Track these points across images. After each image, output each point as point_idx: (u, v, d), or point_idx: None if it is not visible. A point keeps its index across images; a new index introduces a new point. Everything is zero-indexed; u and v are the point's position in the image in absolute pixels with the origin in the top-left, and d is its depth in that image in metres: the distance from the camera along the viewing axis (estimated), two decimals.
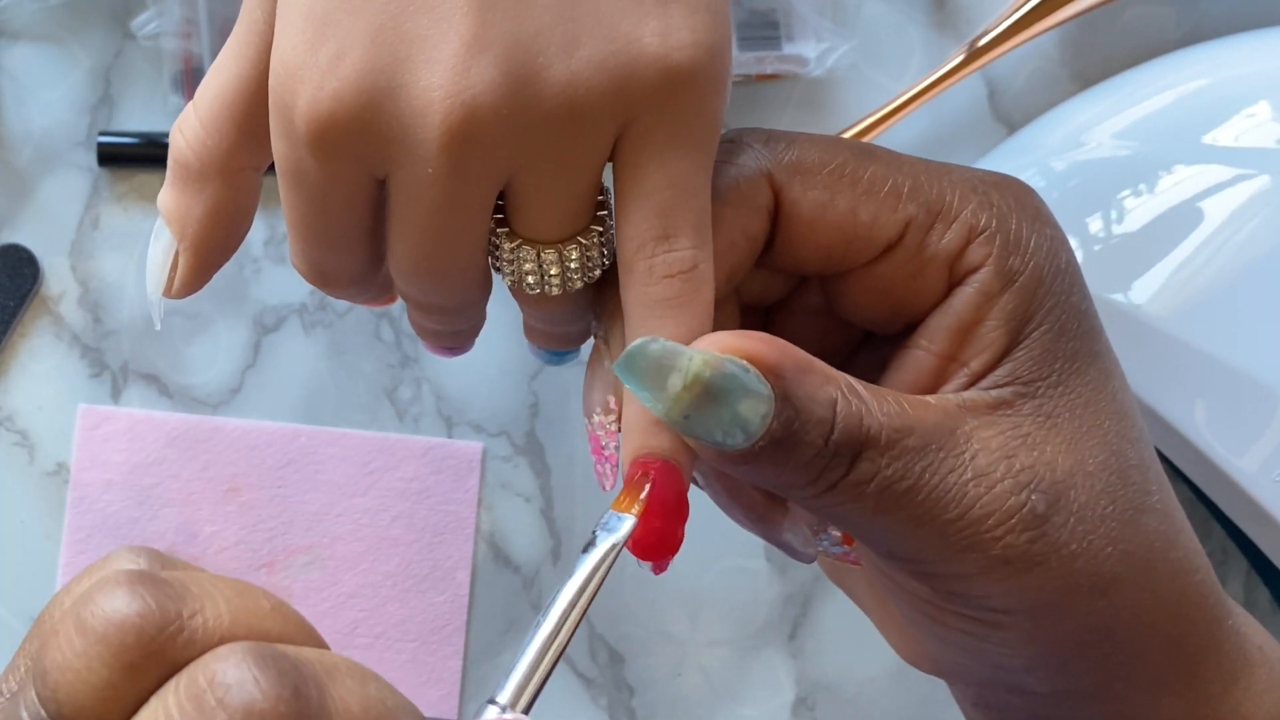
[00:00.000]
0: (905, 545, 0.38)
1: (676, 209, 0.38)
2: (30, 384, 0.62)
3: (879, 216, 0.39)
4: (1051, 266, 0.39)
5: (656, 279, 0.38)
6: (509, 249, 0.40)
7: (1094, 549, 0.38)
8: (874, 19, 0.63)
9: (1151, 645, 0.39)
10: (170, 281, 0.43)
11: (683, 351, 0.37)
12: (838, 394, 0.38)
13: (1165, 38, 0.63)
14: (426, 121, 0.37)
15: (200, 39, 0.60)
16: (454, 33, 0.37)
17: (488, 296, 0.43)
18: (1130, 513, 0.39)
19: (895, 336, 0.41)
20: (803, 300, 0.43)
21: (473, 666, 0.62)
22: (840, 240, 0.40)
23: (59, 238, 0.62)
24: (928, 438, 0.38)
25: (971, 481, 0.38)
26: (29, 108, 0.62)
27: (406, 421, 0.62)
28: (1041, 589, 0.38)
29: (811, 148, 0.40)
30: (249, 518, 0.61)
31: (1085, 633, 0.39)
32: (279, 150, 0.39)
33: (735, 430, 0.37)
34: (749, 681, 0.62)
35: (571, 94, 0.37)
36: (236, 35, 0.41)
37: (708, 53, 0.38)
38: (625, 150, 0.38)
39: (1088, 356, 0.39)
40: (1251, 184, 0.56)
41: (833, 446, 0.37)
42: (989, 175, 0.41)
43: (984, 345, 0.39)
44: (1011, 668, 0.40)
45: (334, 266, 0.42)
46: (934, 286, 0.40)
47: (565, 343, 0.45)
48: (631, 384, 0.37)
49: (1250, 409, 0.55)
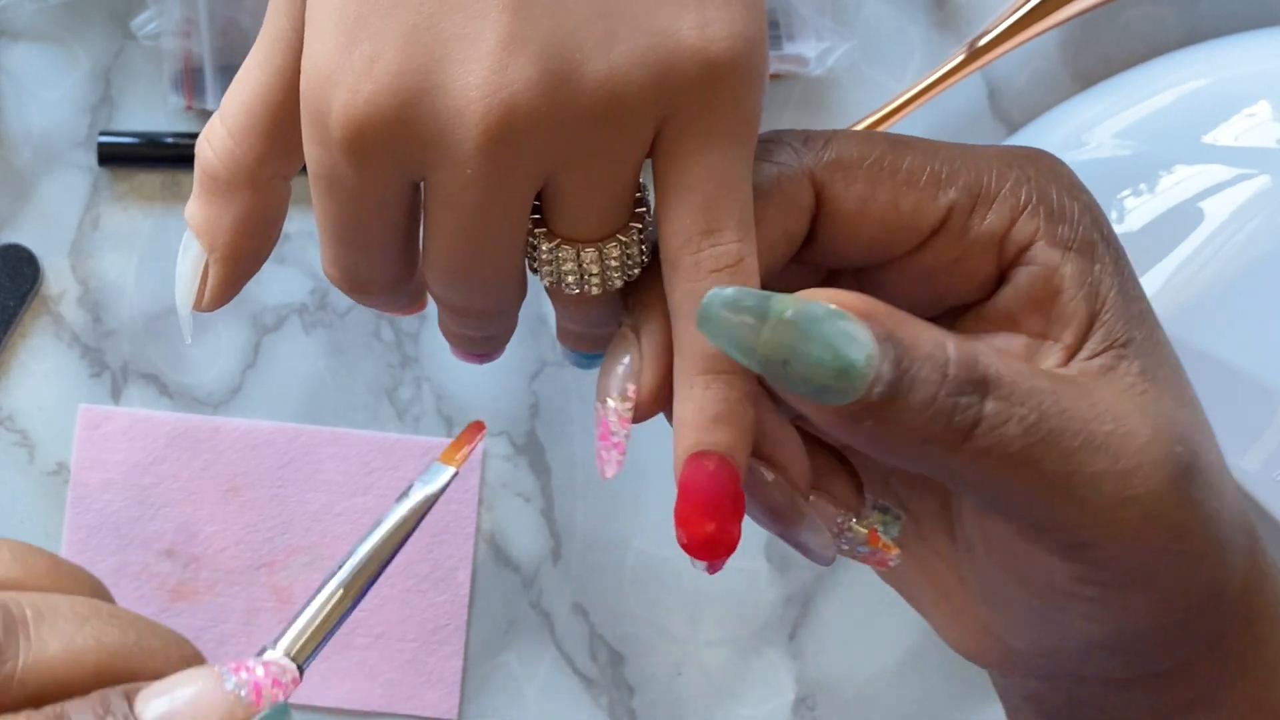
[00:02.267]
0: (1056, 510, 0.37)
1: (720, 202, 0.38)
2: (30, 384, 0.62)
3: (921, 205, 0.39)
4: (1097, 232, 0.39)
5: (704, 274, 0.38)
6: (547, 249, 0.39)
7: (1219, 508, 0.37)
8: (874, 19, 0.63)
9: (1236, 620, 0.39)
10: (201, 294, 0.43)
11: (762, 294, 0.36)
12: (944, 337, 0.36)
13: (1165, 38, 0.63)
14: (464, 121, 0.36)
15: (200, 39, 0.60)
16: (490, 31, 0.36)
17: (523, 299, 0.42)
18: (1224, 471, 0.38)
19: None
20: None
21: (473, 666, 0.62)
22: (884, 232, 0.40)
23: (59, 238, 0.62)
24: (1058, 391, 0.36)
25: (1116, 432, 0.36)
26: (29, 108, 0.62)
27: (406, 421, 0.62)
28: (1186, 550, 0.37)
29: (848, 143, 0.40)
30: (249, 518, 0.61)
31: (1201, 598, 0.38)
32: (313, 156, 0.39)
33: (842, 375, 0.35)
34: (749, 681, 0.62)
35: (610, 90, 0.37)
36: (261, 44, 0.40)
37: (746, 44, 0.38)
38: (665, 145, 0.38)
39: (1150, 314, 0.39)
40: (1251, 184, 0.56)
41: (954, 381, 0.36)
42: (1019, 150, 0.40)
43: (1068, 317, 0.39)
44: (1099, 644, 0.39)
45: (368, 273, 0.41)
46: (981, 268, 0.40)
47: (600, 345, 0.44)
48: (716, 337, 0.36)
49: (1250, 409, 0.55)
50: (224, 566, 0.61)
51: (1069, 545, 0.37)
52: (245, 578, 0.61)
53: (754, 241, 0.38)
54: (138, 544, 0.61)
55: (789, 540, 0.42)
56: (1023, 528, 0.38)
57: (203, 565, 0.61)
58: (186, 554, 0.61)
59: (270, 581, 0.61)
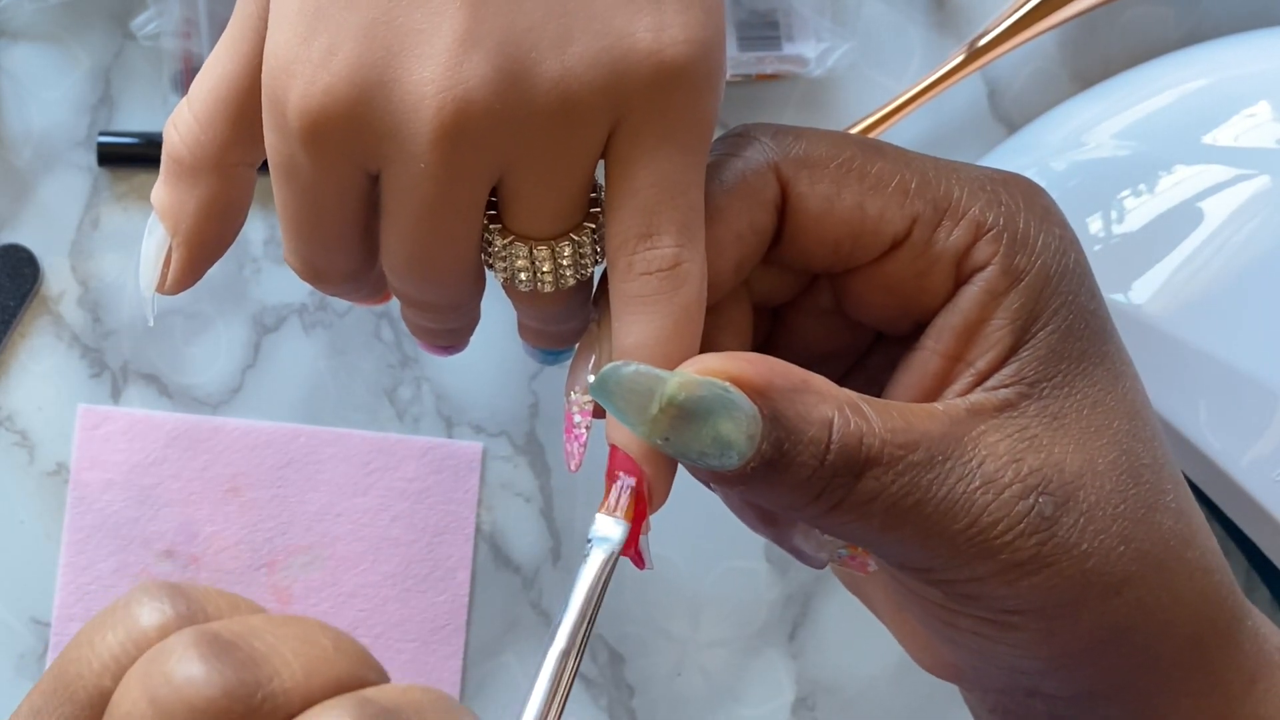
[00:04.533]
0: (915, 557, 0.38)
1: (662, 207, 0.38)
2: (30, 384, 0.62)
3: (886, 212, 0.39)
4: (1059, 266, 0.39)
5: (635, 275, 0.38)
6: (501, 245, 0.40)
7: (1106, 548, 0.38)
8: (874, 19, 0.63)
9: (1170, 645, 0.39)
10: (164, 277, 0.43)
11: (658, 374, 0.37)
12: (834, 413, 0.37)
13: (1165, 38, 0.63)
14: (419, 116, 0.37)
15: (200, 39, 0.60)
16: (446, 27, 0.37)
17: (481, 293, 0.43)
18: (1143, 511, 0.38)
19: (907, 338, 0.41)
20: (814, 300, 0.43)
21: (473, 666, 0.62)
22: (847, 235, 0.40)
23: (59, 238, 0.62)
24: (934, 450, 0.37)
25: (979, 489, 0.37)
26: (29, 108, 0.62)
27: (406, 421, 0.62)
28: (1053, 589, 0.38)
29: (819, 142, 0.40)
30: (249, 518, 0.61)
31: (1101, 631, 0.38)
32: (271, 145, 0.39)
33: (721, 452, 0.36)
34: (749, 681, 0.62)
35: (564, 89, 0.37)
36: (230, 31, 0.41)
37: (701, 49, 0.38)
38: (616, 147, 0.38)
39: (1095, 357, 0.39)
40: (1251, 184, 0.56)
41: (830, 467, 0.37)
42: (997, 173, 0.41)
43: (990, 345, 0.39)
44: (1029, 670, 0.40)
45: (327, 263, 0.42)
46: (942, 285, 0.40)
47: (559, 341, 0.44)
48: (609, 407, 0.37)
49: (1250, 409, 0.55)
50: (224, 567, 0.61)
51: (938, 582, 0.39)
52: (245, 578, 0.61)
53: (699, 246, 0.39)
54: (138, 544, 0.61)
55: (783, 545, 0.42)
56: (893, 565, 0.40)
57: (203, 566, 0.61)
58: (186, 554, 0.61)
59: (270, 582, 0.61)
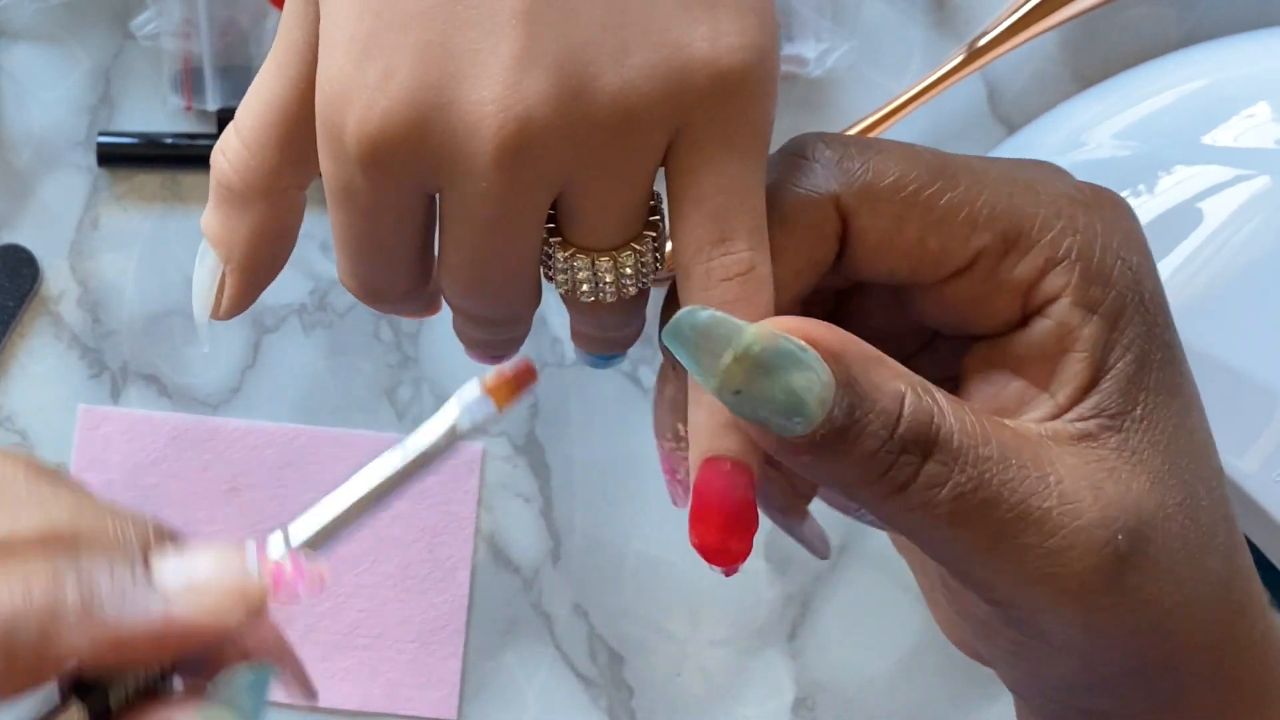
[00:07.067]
0: (975, 568, 0.37)
1: (732, 212, 0.38)
2: (30, 384, 0.62)
3: (948, 246, 0.39)
4: (1135, 296, 0.38)
5: (715, 282, 0.38)
6: (562, 258, 0.40)
7: (1162, 594, 0.37)
8: (874, 19, 0.63)
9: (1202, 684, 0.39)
10: (218, 303, 0.43)
11: (736, 323, 0.36)
12: (906, 389, 0.36)
13: (1165, 38, 0.63)
14: (479, 136, 0.37)
15: (200, 39, 0.60)
16: (503, 46, 0.36)
17: (538, 305, 0.42)
18: (1196, 555, 0.38)
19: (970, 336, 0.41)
20: (874, 291, 0.42)
21: (473, 666, 0.62)
22: (906, 266, 0.39)
23: (59, 238, 0.62)
24: (1007, 451, 0.36)
25: (1055, 508, 0.36)
26: (29, 108, 0.62)
27: (406, 421, 0.62)
28: (1107, 629, 0.37)
29: (887, 162, 0.39)
30: (249, 518, 0.61)
31: (1141, 667, 0.38)
32: (328, 170, 0.39)
33: (792, 413, 0.35)
34: (749, 681, 0.62)
35: (624, 102, 0.37)
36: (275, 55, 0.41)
37: (757, 55, 0.38)
38: (678, 156, 0.38)
39: (1170, 390, 0.39)
40: (1251, 184, 0.56)
41: (899, 440, 0.36)
42: (1082, 192, 0.39)
43: (1069, 378, 0.38)
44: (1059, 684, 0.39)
45: (385, 283, 0.41)
46: (1006, 310, 0.39)
47: (616, 346, 0.44)
48: (680, 354, 0.36)
49: (1250, 409, 0.55)
50: None
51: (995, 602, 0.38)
52: None
53: (767, 249, 0.38)
54: None
55: (791, 534, 0.42)
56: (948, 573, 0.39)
57: None
58: None
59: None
